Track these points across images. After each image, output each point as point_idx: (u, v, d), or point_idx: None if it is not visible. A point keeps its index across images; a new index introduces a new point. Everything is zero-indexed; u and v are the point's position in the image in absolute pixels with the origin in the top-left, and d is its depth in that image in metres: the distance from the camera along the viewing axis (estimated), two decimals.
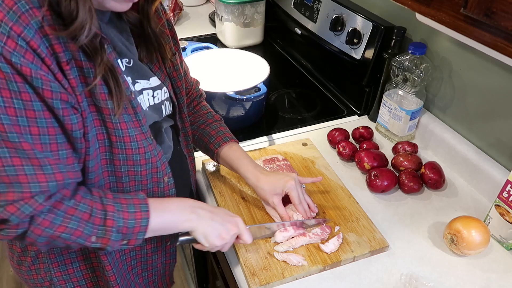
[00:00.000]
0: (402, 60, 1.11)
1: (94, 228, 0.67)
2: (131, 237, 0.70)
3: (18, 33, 0.54)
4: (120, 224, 0.68)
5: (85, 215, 0.66)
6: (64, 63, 0.59)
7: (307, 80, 1.58)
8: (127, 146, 0.70)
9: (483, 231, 0.88)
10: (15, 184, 0.59)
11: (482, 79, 1.02)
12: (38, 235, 0.64)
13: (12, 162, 0.58)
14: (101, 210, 0.67)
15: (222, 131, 0.98)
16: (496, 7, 0.57)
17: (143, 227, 0.70)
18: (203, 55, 1.38)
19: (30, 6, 0.55)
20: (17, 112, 0.56)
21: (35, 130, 0.58)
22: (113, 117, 0.66)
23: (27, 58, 0.55)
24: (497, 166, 1.02)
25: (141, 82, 0.77)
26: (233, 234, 0.80)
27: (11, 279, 2.08)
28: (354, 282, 0.85)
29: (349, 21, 1.30)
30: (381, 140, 1.24)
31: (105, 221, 0.67)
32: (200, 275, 1.52)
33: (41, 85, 0.56)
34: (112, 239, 0.68)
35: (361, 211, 0.97)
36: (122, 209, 0.69)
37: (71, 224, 0.65)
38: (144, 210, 0.70)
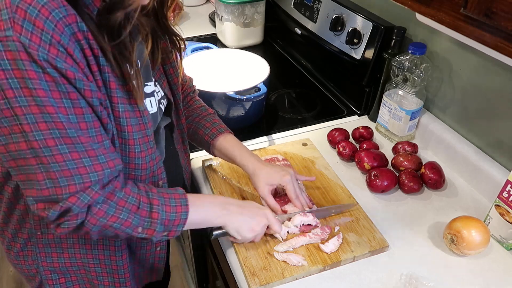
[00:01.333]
0: (402, 60, 1.11)
1: (141, 220, 0.72)
2: (171, 228, 0.75)
3: (58, 40, 0.57)
4: (163, 216, 0.73)
5: (134, 207, 0.71)
6: (93, 66, 0.63)
7: (307, 80, 1.58)
8: (131, 149, 0.73)
9: (483, 231, 0.88)
10: (75, 176, 0.64)
11: (482, 79, 1.02)
12: (93, 224, 0.68)
13: (71, 156, 0.63)
14: (147, 203, 0.72)
15: (216, 123, 0.99)
16: (496, 7, 0.57)
17: (183, 220, 0.75)
18: (203, 55, 1.38)
19: (63, 14, 0.58)
20: (68, 111, 0.61)
21: (84, 125, 0.63)
22: (122, 119, 0.70)
23: (68, 62, 0.59)
24: (497, 166, 1.02)
25: (150, 85, 0.80)
26: (263, 225, 0.84)
27: (11, 279, 2.08)
28: (354, 282, 0.85)
29: (349, 21, 1.30)
30: (381, 140, 1.24)
31: (151, 213, 0.72)
32: (200, 275, 1.52)
33: (83, 86, 0.61)
34: (157, 230, 0.73)
35: (361, 211, 0.97)
36: (165, 203, 0.74)
37: (122, 215, 0.70)
38: (184, 204, 0.76)
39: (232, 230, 0.83)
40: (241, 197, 1.01)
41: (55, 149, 0.61)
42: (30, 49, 0.55)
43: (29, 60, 0.56)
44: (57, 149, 0.61)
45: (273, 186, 0.93)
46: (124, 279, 0.89)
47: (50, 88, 0.59)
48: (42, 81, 0.58)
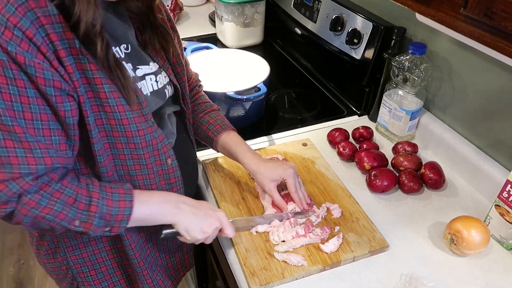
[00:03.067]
0: (402, 60, 1.11)
1: (78, 213, 0.69)
2: (114, 224, 0.73)
3: (14, 23, 0.57)
4: (103, 210, 0.71)
5: (70, 199, 0.68)
6: (60, 51, 0.62)
7: (307, 80, 1.58)
8: (126, 129, 0.72)
9: (483, 231, 0.88)
10: (6, 165, 0.62)
11: (482, 79, 1.02)
12: (24, 214, 0.66)
13: (5, 144, 0.62)
14: (86, 196, 0.70)
15: (220, 120, 1.00)
16: (496, 7, 0.57)
17: (126, 216, 0.73)
18: (203, 55, 1.38)
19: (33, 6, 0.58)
20: (12, 98, 0.60)
21: (29, 115, 0.62)
22: (110, 100, 0.68)
23: (22, 47, 0.58)
24: (497, 166, 1.02)
25: (142, 68, 0.78)
26: (214, 228, 0.83)
27: (11, 279, 2.08)
28: (354, 282, 0.85)
29: (349, 21, 1.30)
30: (381, 140, 1.24)
31: (89, 206, 0.70)
32: (200, 275, 1.52)
33: (35, 73, 0.60)
34: (94, 224, 0.71)
35: (361, 211, 0.97)
36: (106, 197, 0.72)
37: (56, 207, 0.67)
38: (128, 200, 0.73)
39: (181, 229, 0.81)
40: (241, 198, 1.01)
41: None
42: None
43: None
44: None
45: (278, 182, 0.93)
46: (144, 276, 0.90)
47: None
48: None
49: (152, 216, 0.78)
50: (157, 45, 0.81)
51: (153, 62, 0.82)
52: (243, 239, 0.90)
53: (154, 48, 0.82)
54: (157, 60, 0.83)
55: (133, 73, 0.76)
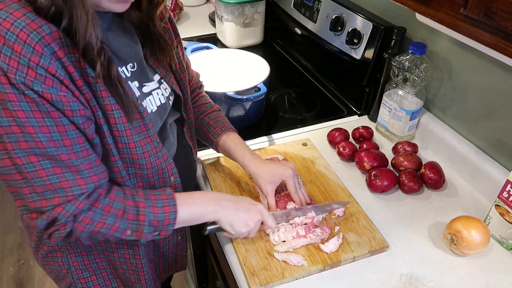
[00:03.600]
0: (402, 60, 1.11)
1: (129, 223, 0.73)
2: (162, 228, 0.76)
3: (36, 63, 0.59)
4: (151, 218, 0.74)
5: (120, 211, 0.73)
6: (78, 81, 0.65)
7: (307, 80, 1.58)
8: (133, 152, 0.75)
9: (483, 231, 0.88)
10: (59, 190, 0.67)
11: (482, 79, 1.02)
12: (81, 231, 0.71)
13: (54, 171, 0.66)
14: (133, 207, 0.74)
15: (220, 121, 1.00)
16: (496, 7, 0.57)
17: (172, 220, 0.77)
18: (203, 55, 1.38)
19: (42, 35, 0.59)
20: (50, 129, 0.63)
21: (68, 142, 0.65)
22: (119, 125, 0.71)
23: (47, 84, 0.61)
24: (497, 166, 1.02)
25: (149, 85, 0.80)
26: (257, 220, 0.85)
27: (11, 279, 2.08)
28: (354, 282, 0.85)
29: (349, 21, 1.30)
30: (381, 140, 1.24)
31: (137, 216, 0.74)
32: (200, 275, 1.52)
33: (63, 107, 0.63)
34: (145, 231, 0.75)
35: (361, 211, 0.97)
36: (152, 205, 0.75)
37: (108, 220, 0.72)
38: (172, 204, 0.77)
39: (226, 224, 0.83)
40: None
41: (37, 165, 0.64)
42: (8, 73, 0.58)
43: (8, 83, 0.58)
44: (40, 165, 0.64)
45: (276, 184, 0.93)
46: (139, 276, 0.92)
47: (31, 109, 0.61)
48: (22, 103, 0.60)
49: (196, 216, 0.82)
50: (159, 56, 0.83)
51: (156, 73, 0.83)
52: (243, 239, 0.90)
53: (156, 58, 0.83)
54: (159, 71, 0.84)
55: (139, 92, 0.77)
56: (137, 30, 0.79)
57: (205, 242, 1.26)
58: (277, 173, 0.93)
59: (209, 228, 0.85)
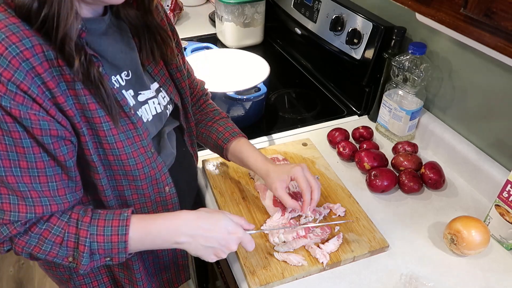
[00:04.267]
0: (402, 60, 1.11)
1: (69, 251, 0.69)
2: (111, 255, 0.71)
3: (8, 78, 0.57)
4: (94, 247, 0.69)
5: (58, 238, 0.69)
6: (59, 97, 0.62)
7: (307, 80, 1.58)
8: (125, 164, 0.73)
9: (483, 231, 0.88)
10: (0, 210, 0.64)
11: (482, 79, 1.02)
12: (20, 252, 0.70)
13: (0, 191, 0.64)
14: (74, 234, 0.69)
15: (230, 127, 0.97)
16: (496, 7, 0.57)
17: (122, 249, 0.70)
18: (203, 55, 1.38)
19: (21, 49, 0.57)
20: (8, 148, 0.61)
21: (24, 164, 0.62)
22: (109, 137, 0.69)
23: (17, 100, 0.58)
24: (497, 166, 1.02)
25: (145, 93, 0.78)
26: (230, 251, 0.78)
27: (11, 279, 2.08)
28: (354, 282, 0.85)
29: (349, 21, 1.30)
30: (381, 140, 1.24)
31: (77, 245, 0.69)
32: (200, 275, 1.52)
33: (31, 125, 0.60)
34: (83, 263, 0.69)
35: (361, 211, 0.97)
36: (97, 233, 0.69)
37: (45, 247, 0.68)
38: (122, 233, 0.70)
39: (192, 254, 0.76)
40: (241, 198, 1.01)
41: None
42: None
43: None
44: None
45: (286, 182, 0.87)
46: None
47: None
48: None
49: (155, 245, 0.75)
50: (157, 58, 0.80)
51: (154, 81, 0.81)
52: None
53: (155, 62, 0.80)
54: (158, 79, 0.82)
55: (134, 100, 0.75)
56: (135, 31, 0.77)
57: None
58: (285, 170, 0.88)
59: None
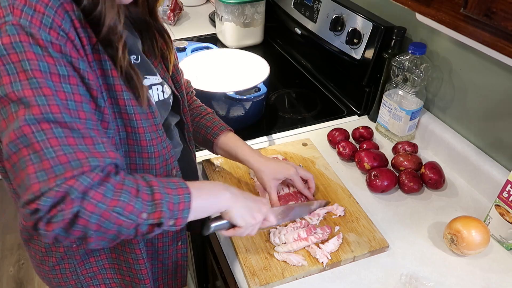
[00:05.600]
0: (402, 60, 1.11)
1: (144, 204, 0.63)
2: (177, 215, 0.67)
3: (59, 25, 0.57)
4: (166, 199, 0.65)
5: (133, 190, 0.63)
6: (89, 55, 0.62)
7: (307, 80, 1.58)
8: (142, 138, 0.72)
9: (483, 231, 0.88)
10: (73, 161, 0.57)
11: (482, 79, 1.02)
12: (91, 212, 0.58)
13: (67, 141, 0.57)
14: (146, 186, 0.65)
15: (217, 122, 1.00)
16: (496, 7, 0.57)
17: (187, 203, 0.68)
18: (203, 55, 1.38)
19: (61, 1, 0.58)
20: (67, 96, 0.58)
21: (82, 114, 0.60)
22: (128, 107, 0.68)
23: (68, 47, 0.58)
24: (497, 166, 1.02)
25: (150, 78, 0.78)
26: (263, 212, 0.81)
27: (11, 279, 2.08)
28: (354, 282, 0.85)
29: (349, 21, 1.30)
30: (381, 140, 1.24)
31: (153, 195, 0.64)
32: (200, 275, 1.52)
33: (86, 68, 0.60)
34: (164, 210, 0.64)
35: (361, 211, 0.97)
36: (164, 185, 0.67)
37: (122, 197, 0.61)
38: (184, 187, 0.69)
39: (237, 214, 0.77)
40: None
41: (49, 132, 0.56)
42: (31, 29, 0.55)
43: (28, 42, 0.55)
44: (52, 132, 0.56)
45: (279, 181, 0.94)
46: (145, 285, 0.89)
47: (50, 70, 0.56)
48: (42, 62, 0.56)
49: (210, 203, 0.75)
50: (157, 53, 0.82)
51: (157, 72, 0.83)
52: (243, 239, 0.90)
53: (155, 57, 0.82)
54: (158, 71, 0.83)
55: None
56: (136, 25, 0.78)
57: (205, 242, 1.26)
58: (281, 171, 0.94)
59: (214, 225, 0.79)
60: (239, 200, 0.78)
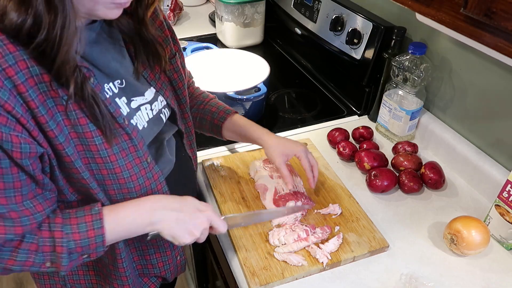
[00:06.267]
0: (402, 60, 1.11)
1: (46, 256, 0.67)
2: (89, 252, 0.69)
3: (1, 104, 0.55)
4: (71, 246, 0.67)
5: (33, 245, 0.66)
6: (41, 117, 0.60)
7: (307, 80, 1.58)
8: (119, 177, 0.71)
9: (483, 231, 0.88)
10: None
11: (482, 79, 1.02)
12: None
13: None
14: (48, 238, 0.67)
15: (222, 106, 1.01)
16: (496, 7, 0.57)
17: (100, 243, 0.69)
18: (203, 55, 1.38)
19: (3, 67, 0.55)
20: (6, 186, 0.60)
21: (1, 185, 0.61)
22: (101, 152, 0.67)
23: (0, 121, 0.56)
24: (497, 166, 1.02)
25: (137, 99, 0.76)
26: (203, 229, 0.77)
27: (11, 279, 2.08)
28: (354, 282, 0.85)
29: (349, 21, 1.30)
30: (381, 140, 1.24)
31: (54, 248, 0.67)
32: (200, 275, 1.52)
33: (11, 148, 0.58)
34: (63, 264, 0.67)
35: (361, 211, 0.97)
36: (72, 231, 0.67)
37: (19, 257, 0.65)
38: (98, 227, 0.69)
39: (167, 236, 0.75)
40: (241, 198, 1.01)
41: None
42: None
43: None
44: None
45: (288, 157, 0.94)
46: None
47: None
48: None
49: (131, 232, 0.73)
50: (152, 64, 0.79)
51: (150, 86, 0.80)
52: (243, 239, 0.90)
53: (150, 67, 0.79)
54: (154, 84, 0.80)
55: (128, 108, 0.74)
56: (128, 39, 0.75)
57: (205, 242, 1.26)
58: (290, 147, 0.94)
59: (151, 234, 0.76)
60: (168, 223, 0.74)
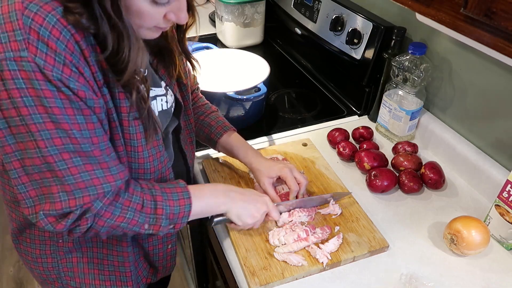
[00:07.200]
0: (402, 60, 1.11)
1: (147, 217, 0.74)
2: (176, 221, 0.77)
3: (70, 60, 0.60)
4: (167, 211, 0.76)
5: (138, 205, 0.73)
6: (98, 82, 0.65)
7: (307, 80, 1.58)
8: (140, 156, 0.76)
9: (483, 231, 0.88)
10: (90, 187, 0.67)
11: (482, 79, 1.02)
12: (101, 226, 0.71)
13: (86, 168, 0.66)
14: (151, 201, 0.75)
15: (221, 121, 1.03)
16: (496, 7, 0.57)
17: (187, 212, 0.78)
18: (203, 55, 1.38)
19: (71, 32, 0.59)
20: (81, 127, 0.64)
21: (95, 139, 0.66)
22: (131, 128, 0.72)
23: (80, 81, 0.62)
24: (497, 166, 1.02)
25: (155, 90, 0.81)
26: (263, 212, 0.87)
27: (11, 279, 2.08)
28: (354, 282, 0.85)
29: (349, 21, 1.30)
30: (381, 140, 1.24)
31: (155, 210, 0.75)
32: (200, 275, 1.52)
33: (93, 104, 0.64)
34: (162, 225, 0.76)
35: (361, 211, 0.97)
36: (168, 198, 0.76)
37: (128, 214, 0.72)
38: (187, 197, 0.78)
39: (234, 216, 0.85)
40: None
41: (69, 162, 0.64)
42: (45, 70, 0.58)
43: (44, 80, 0.59)
44: (72, 162, 0.64)
45: (273, 178, 0.96)
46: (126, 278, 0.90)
47: (64, 106, 0.61)
48: (57, 99, 0.60)
49: (208, 208, 0.84)
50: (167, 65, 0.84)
51: (161, 80, 0.84)
52: (243, 239, 0.90)
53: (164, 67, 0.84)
54: (165, 78, 0.85)
55: None
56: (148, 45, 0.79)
57: (205, 242, 1.26)
58: (275, 169, 0.96)
59: (216, 219, 0.86)
60: (236, 203, 0.85)
